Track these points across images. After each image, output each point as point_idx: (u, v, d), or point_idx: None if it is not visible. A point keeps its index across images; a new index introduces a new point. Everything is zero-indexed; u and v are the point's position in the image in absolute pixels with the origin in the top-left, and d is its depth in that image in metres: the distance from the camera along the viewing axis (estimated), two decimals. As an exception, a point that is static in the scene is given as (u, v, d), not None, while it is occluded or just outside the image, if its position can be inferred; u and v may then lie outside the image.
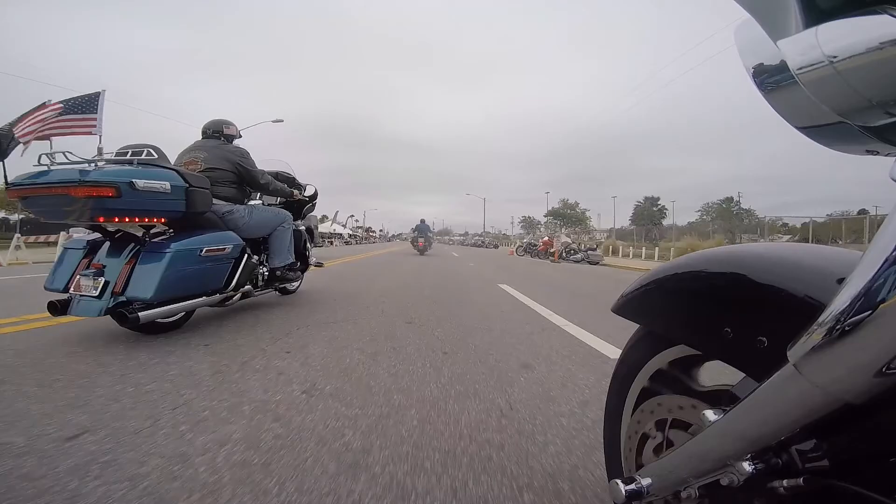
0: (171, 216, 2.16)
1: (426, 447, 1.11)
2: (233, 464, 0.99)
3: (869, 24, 0.27)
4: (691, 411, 0.54)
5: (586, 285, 6.18)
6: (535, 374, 1.78)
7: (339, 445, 1.10)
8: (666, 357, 0.63)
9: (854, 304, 0.32)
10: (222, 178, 2.69)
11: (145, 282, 1.96)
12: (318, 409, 1.34)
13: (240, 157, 2.78)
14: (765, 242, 0.61)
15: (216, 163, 2.68)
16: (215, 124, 2.92)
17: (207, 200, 2.32)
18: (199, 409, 1.30)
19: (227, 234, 2.49)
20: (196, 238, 2.24)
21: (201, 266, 2.24)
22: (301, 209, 3.69)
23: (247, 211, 2.76)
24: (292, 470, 0.98)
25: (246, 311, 3.03)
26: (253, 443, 1.10)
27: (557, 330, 2.72)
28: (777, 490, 0.40)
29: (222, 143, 2.84)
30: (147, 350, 1.94)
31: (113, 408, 1.28)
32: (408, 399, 1.45)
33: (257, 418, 1.25)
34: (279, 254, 3.02)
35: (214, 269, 2.36)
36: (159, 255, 2.04)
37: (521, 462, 1.05)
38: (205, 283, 2.32)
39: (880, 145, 0.33)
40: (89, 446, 1.05)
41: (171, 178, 2.09)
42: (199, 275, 2.25)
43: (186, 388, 1.48)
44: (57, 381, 1.49)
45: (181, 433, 1.14)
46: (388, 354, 2.01)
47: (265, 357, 1.90)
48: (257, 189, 3.04)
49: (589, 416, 1.34)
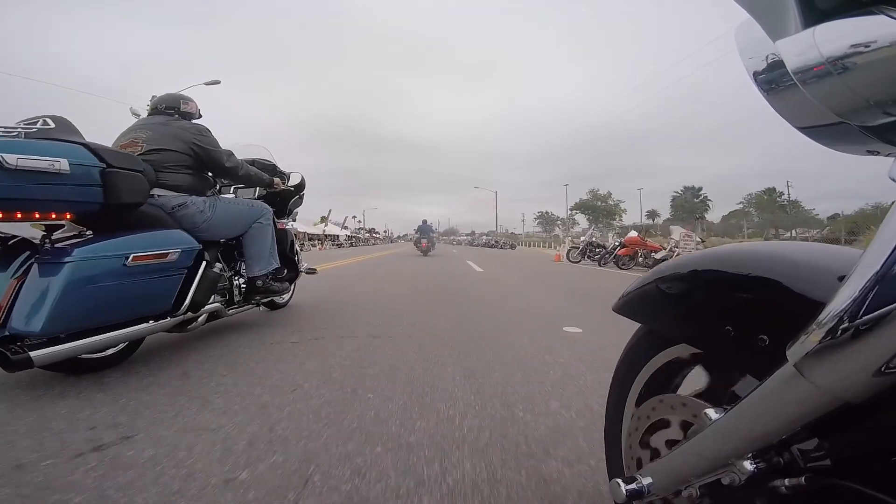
0: (82, 209, 1.50)
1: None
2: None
3: (866, 24, 0.28)
4: (692, 410, 0.54)
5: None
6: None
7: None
8: (667, 356, 0.63)
9: (853, 304, 0.32)
10: (172, 161, 2.02)
11: (34, 307, 1.35)
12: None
13: (196, 134, 2.12)
14: (772, 241, 0.61)
15: (163, 142, 2.02)
16: (169, 99, 2.27)
17: (141, 188, 1.67)
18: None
19: (172, 233, 1.80)
20: (118, 241, 1.55)
21: (129, 281, 1.56)
22: (286, 203, 3.00)
23: (207, 204, 2.10)
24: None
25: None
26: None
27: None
28: (779, 489, 0.40)
29: (173, 120, 2.17)
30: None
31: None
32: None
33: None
34: (258, 259, 2.39)
35: (154, 285, 1.69)
36: (56, 266, 1.39)
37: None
38: (140, 305, 1.67)
39: (881, 145, 0.34)
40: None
41: (73, 155, 1.43)
42: (128, 293, 1.57)
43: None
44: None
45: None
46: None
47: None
48: (222, 175, 2.38)
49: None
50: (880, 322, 0.31)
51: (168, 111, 2.22)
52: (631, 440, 0.62)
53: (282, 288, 2.64)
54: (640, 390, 0.67)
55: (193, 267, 1.89)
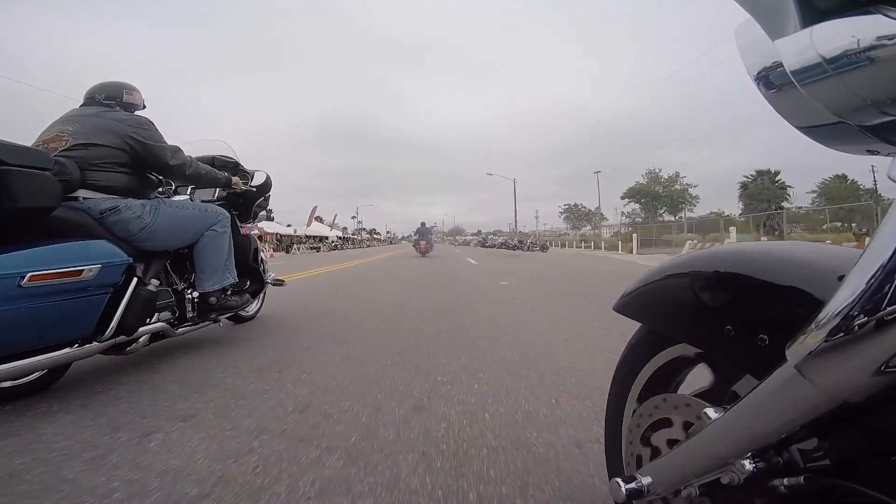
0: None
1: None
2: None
3: (863, 24, 0.28)
4: (692, 410, 0.54)
5: None
6: None
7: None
8: (667, 356, 0.63)
9: (853, 303, 0.32)
10: (103, 157, 1.74)
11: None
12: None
13: (135, 127, 1.83)
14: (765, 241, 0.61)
15: (93, 136, 1.74)
16: (109, 87, 1.94)
17: (49, 190, 1.44)
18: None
19: (91, 245, 1.52)
20: (10, 256, 1.29)
21: (28, 305, 1.30)
22: (250, 206, 2.68)
23: (147, 208, 1.82)
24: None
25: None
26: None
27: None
28: (778, 489, 0.40)
29: (109, 111, 1.86)
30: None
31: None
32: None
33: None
34: (212, 272, 2.10)
35: (65, 307, 1.41)
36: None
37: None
38: (50, 331, 1.40)
39: (880, 145, 0.34)
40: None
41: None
42: (28, 319, 1.31)
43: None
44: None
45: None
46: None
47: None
48: (166, 173, 2.04)
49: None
50: (880, 322, 0.31)
51: (107, 101, 1.90)
52: (631, 439, 0.62)
53: (241, 302, 2.37)
54: (641, 389, 0.67)
55: (123, 284, 1.62)
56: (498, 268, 9.23)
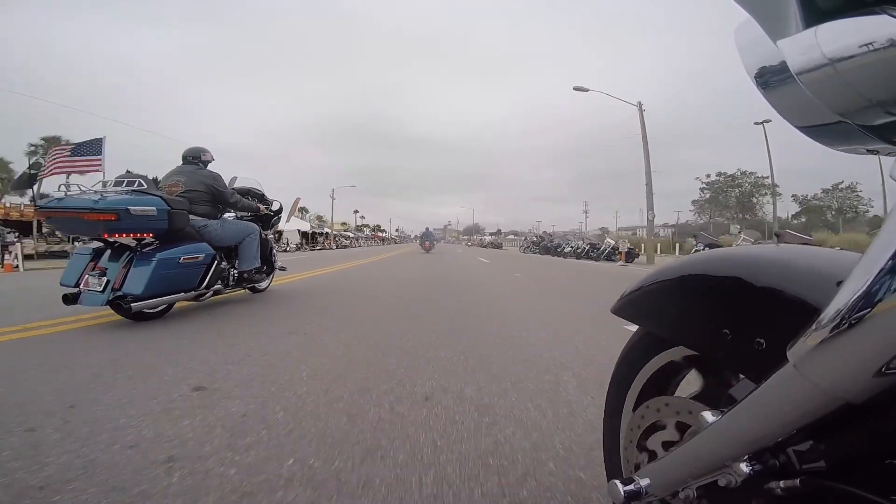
0: (157, 232, 2.87)
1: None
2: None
3: (868, 24, 0.28)
4: (690, 412, 0.54)
5: None
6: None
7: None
8: (665, 358, 0.63)
9: (856, 303, 0.32)
10: (199, 198, 3.38)
11: (137, 281, 2.64)
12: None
13: (213, 181, 3.48)
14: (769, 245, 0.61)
15: (193, 185, 3.38)
16: (193, 151, 3.66)
17: (185, 219, 3.04)
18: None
19: (201, 245, 3.16)
20: (176, 249, 2.93)
21: (180, 270, 2.93)
22: (269, 221, 4.52)
23: (219, 225, 3.48)
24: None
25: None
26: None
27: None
28: (774, 491, 0.40)
29: (198, 169, 3.55)
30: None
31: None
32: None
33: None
34: (246, 259, 3.70)
35: (190, 273, 3.05)
36: (148, 261, 2.73)
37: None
38: (183, 284, 3.01)
39: (881, 145, 0.33)
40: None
41: (156, 204, 2.82)
42: (178, 277, 2.94)
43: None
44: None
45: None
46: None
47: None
48: (228, 207, 3.72)
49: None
50: (881, 322, 0.31)
51: (194, 161, 3.62)
52: (629, 441, 0.62)
53: (261, 278, 4.14)
54: (638, 392, 0.67)
55: (210, 264, 3.23)
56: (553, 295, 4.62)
